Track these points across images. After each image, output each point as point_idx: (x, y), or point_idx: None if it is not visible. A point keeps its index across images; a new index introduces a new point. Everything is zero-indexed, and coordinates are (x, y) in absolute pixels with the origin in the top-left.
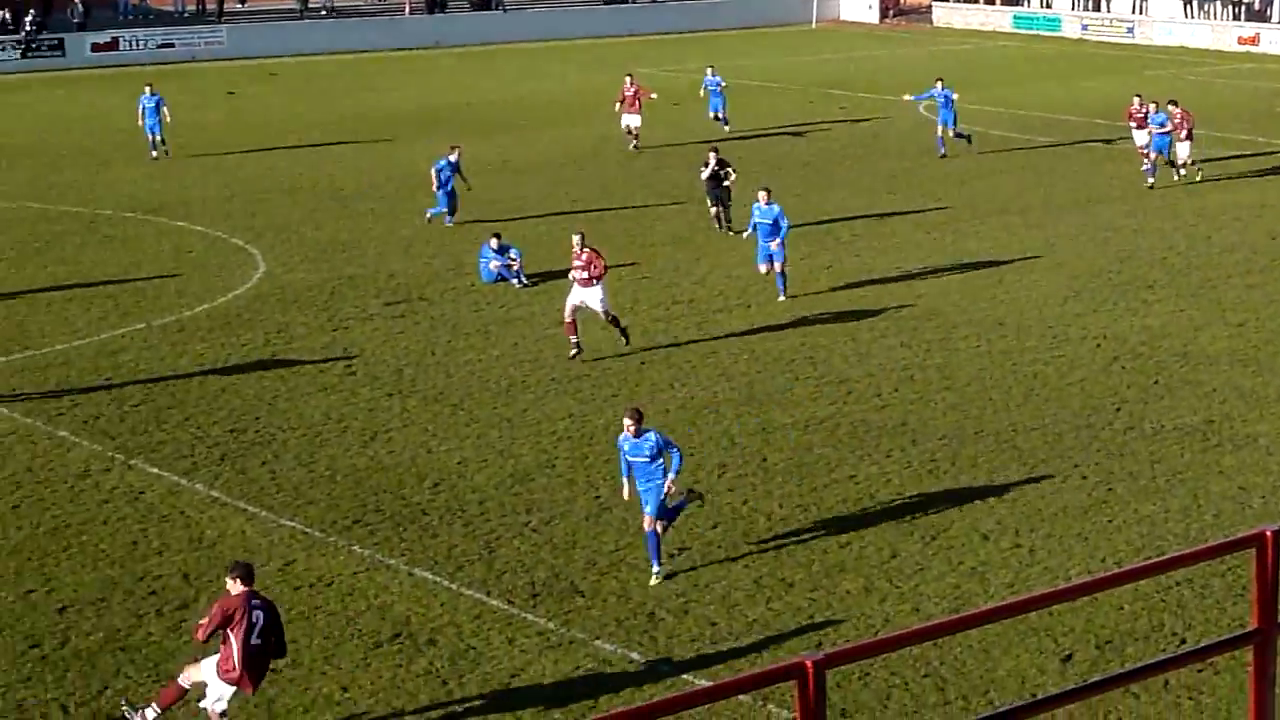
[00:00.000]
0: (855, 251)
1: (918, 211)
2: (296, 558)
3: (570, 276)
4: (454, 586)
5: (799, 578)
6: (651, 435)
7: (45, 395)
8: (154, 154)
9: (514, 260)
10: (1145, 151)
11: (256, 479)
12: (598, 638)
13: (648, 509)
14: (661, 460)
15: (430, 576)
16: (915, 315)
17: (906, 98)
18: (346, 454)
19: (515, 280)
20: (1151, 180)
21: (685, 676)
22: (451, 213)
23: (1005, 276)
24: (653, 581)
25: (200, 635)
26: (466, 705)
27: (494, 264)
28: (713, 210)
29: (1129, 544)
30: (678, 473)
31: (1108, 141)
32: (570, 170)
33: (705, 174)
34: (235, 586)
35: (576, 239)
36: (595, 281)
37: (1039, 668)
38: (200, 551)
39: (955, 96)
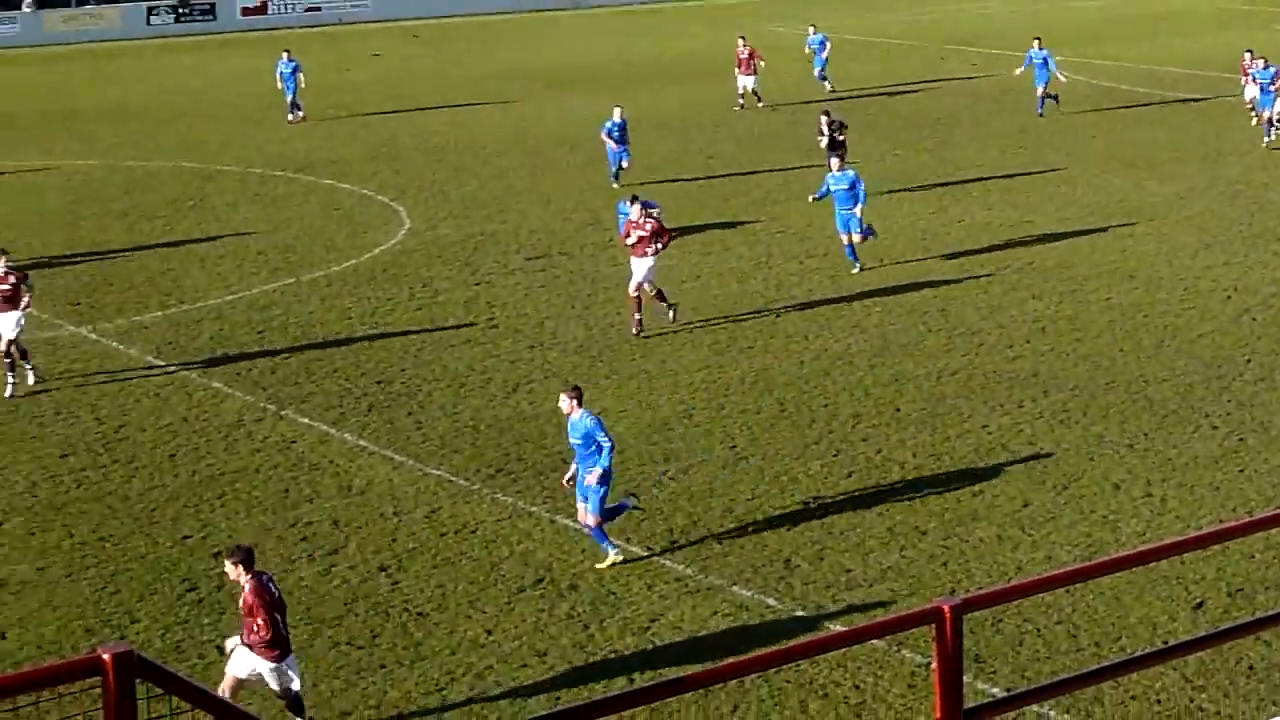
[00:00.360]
0: (986, 205)
1: (1048, 166)
2: (442, 505)
3: (627, 245)
4: None
5: (932, 525)
6: (585, 420)
7: (200, 348)
8: (290, 117)
9: (655, 214)
10: (1253, 108)
11: (403, 429)
12: (734, 584)
13: (580, 499)
14: (594, 448)
15: (571, 524)
16: (1046, 267)
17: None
18: (490, 405)
19: None
20: (1267, 139)
21: (821, 622)
22: (616, 174)
23: (1135, 229)
24: (606, 563)
25: (268, 636)
26: (607, 648)
27: None
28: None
29: (1260, 493)
30: (604, 470)
31: (1201, 100)
32: (705, 128)
33: (824, 141)
34: (240, 572)
35: (637, 208)
36: (654, 253)
37: (1170, 615)
38: (349, 499)
39: (1051, 59)
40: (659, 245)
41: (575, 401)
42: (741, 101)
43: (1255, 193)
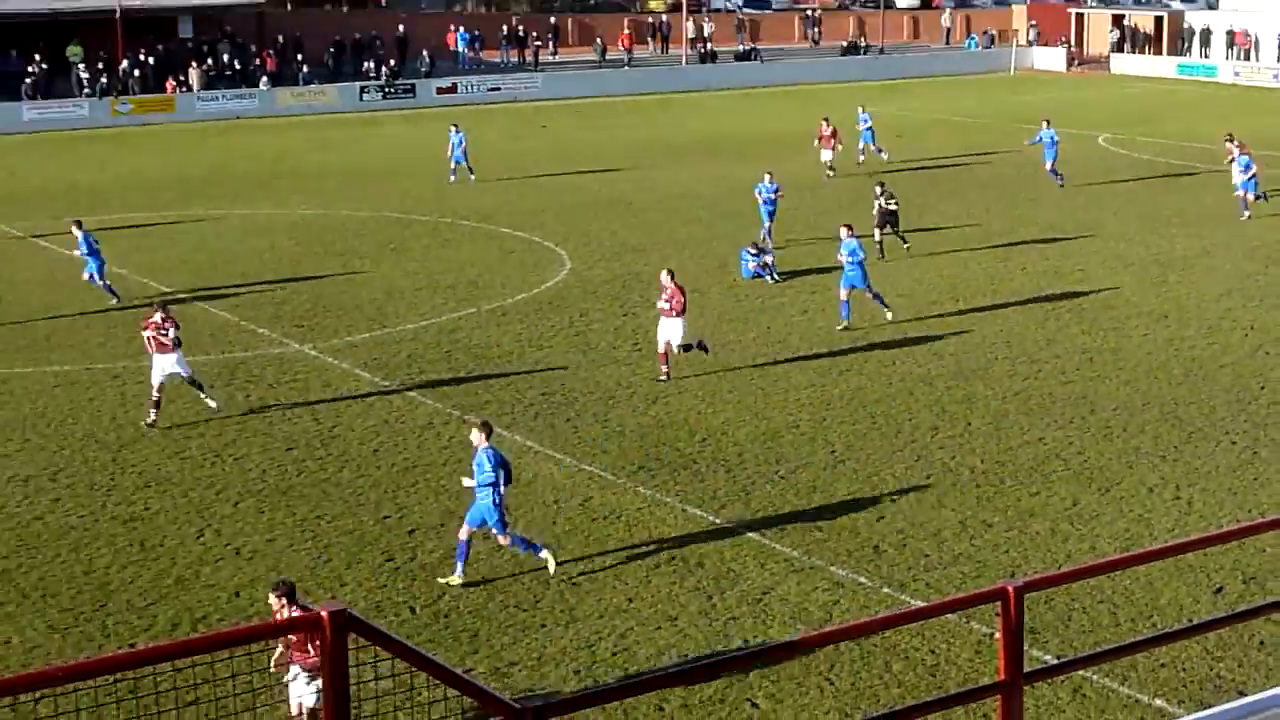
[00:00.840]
0: (1045, 255)
1: (1096, 224)
2: (593, 495)
3: (658, 308)
4: (717, 521)
5: (996, 520)
6: (482, 455)
7: (399, 364)
8: (452, 179)
9: (769, 260)
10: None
11: (562, 432)
12: (833, 564)
13: (472, 523)
14: (489, 476)
15: (699, 512)
16: (1094, 307)
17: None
18: (633, 414)
19: (769, 277)
20: (1247, 214)
21: (904, 597)
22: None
23: (1168, 276)
24: (454, 580)
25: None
26: (727, 615)
27: (752, 263)
28: (877, 235)
29: (1271, 498)
30: (481, 486)
31: (1223, 170)
32: (812, 190)
33: (875, 210)
34: (284, 603)
35: (665, 275)
36: (677, 314)
37: (1194, 598)
38: (517, 488)
39: (1058, 137)
40: (674, 305)
41: (484, 435)
42: (830, 172)
43: (1270, 249)
